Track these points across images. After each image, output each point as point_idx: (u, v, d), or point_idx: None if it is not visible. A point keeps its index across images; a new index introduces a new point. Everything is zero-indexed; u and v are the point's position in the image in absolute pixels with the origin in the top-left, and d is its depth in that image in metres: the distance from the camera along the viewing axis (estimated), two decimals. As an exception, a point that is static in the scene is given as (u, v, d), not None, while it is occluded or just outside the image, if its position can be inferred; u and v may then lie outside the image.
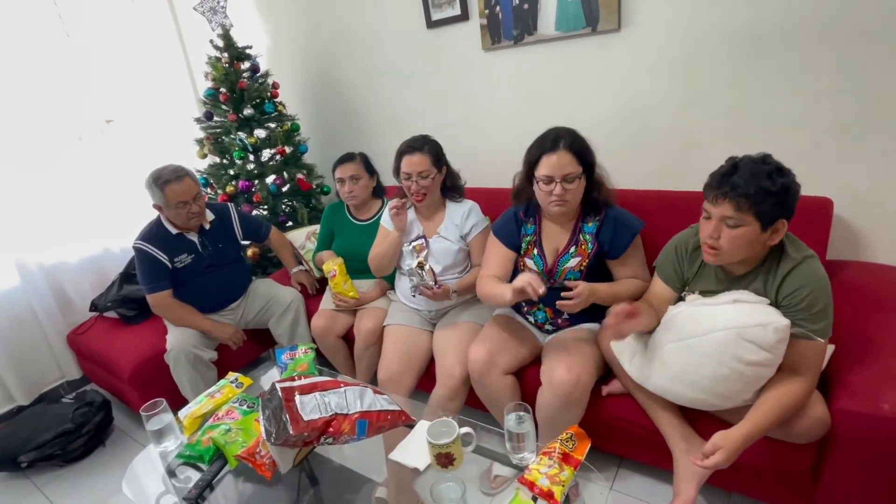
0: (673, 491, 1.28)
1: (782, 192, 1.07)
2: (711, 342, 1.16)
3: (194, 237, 2.02)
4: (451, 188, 1.87)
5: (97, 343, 2.24)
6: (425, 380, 1.79)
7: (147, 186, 1.90)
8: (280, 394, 1.14)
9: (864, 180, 1.60)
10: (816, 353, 1.15)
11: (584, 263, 1.52)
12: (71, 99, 2.46)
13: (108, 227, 2.60)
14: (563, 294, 1.35)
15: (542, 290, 1.31)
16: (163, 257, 1.95)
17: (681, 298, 1.37)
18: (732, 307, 1.18)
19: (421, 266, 1.67)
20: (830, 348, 1.28)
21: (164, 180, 1.86)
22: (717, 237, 1.15)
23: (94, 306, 2.36)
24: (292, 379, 1.21)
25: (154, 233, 1.97)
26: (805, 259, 1.15)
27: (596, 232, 1.51)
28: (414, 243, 1.78)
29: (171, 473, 1.31)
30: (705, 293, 1.29)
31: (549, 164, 1.43)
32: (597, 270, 1.54)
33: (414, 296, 1.84)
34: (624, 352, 1.41)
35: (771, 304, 1.18)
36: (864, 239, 1.66)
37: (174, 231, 1.98)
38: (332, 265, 2.01)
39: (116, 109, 2.66)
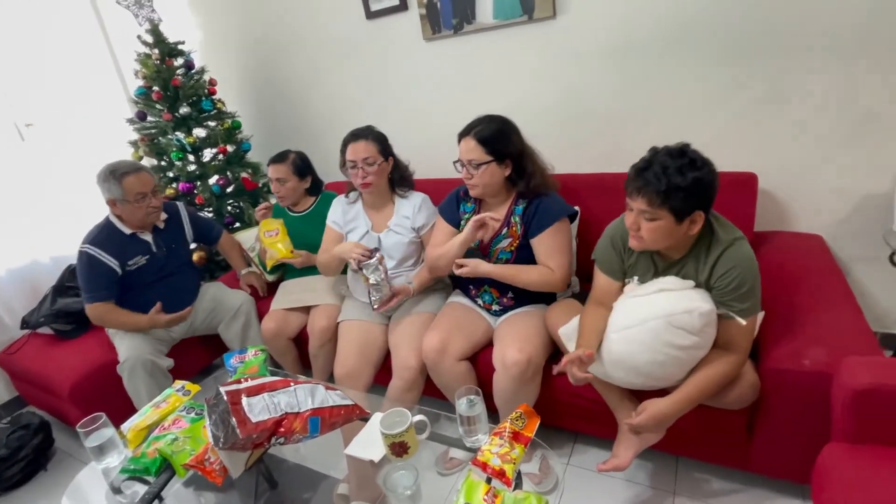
0: (611, 454, 1.35)
1: (692, 186, 1.10)
2: (646, 331, 1.22)
3: (148, 237, 1.92)
4: (400, 181, 1.85)
5: (31, 362, 2.09)
6: (383, 373, 1.79)
7: (101, 181, 1.79)
8: (225, 398, 1.10)
9: (784, 154, 1.70)
10: (745, 330, 1.21)
11: (515, 244, 1.57)
12: (-17, 102, 2.28)
13: (35, 236, 2.42)
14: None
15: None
16: (113, 263, 1.83)
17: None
18: (660, 296, 1.24)
19: (366, 277, 1.64)
20: (760, 315, 1.36)
21: (122, 172, 1.77)
22: (637, 229, 1.21)
23: (24, 323, 2.21)
24: (239, 382, 1.18)
25: (104, 235, 1.85)
26: (734, 241, 1.20)
27: (522, 213, 1.56)
28: (378, 255, 1.64)
29: (116, 490, 1.25)
30: (643, 279, 1.33)
31: (461, 149, 1.53)
32: (529, 251, 1.57)
33: (375, 308, 1.68)
34: (571, 340, 1.45)
35: (701, 287, 1.24)
36: (788, 210, 1.77)
37: (127, 231, 1.87)
38: (273, 224, 2.04)
39: (36, 112, 2.48)
